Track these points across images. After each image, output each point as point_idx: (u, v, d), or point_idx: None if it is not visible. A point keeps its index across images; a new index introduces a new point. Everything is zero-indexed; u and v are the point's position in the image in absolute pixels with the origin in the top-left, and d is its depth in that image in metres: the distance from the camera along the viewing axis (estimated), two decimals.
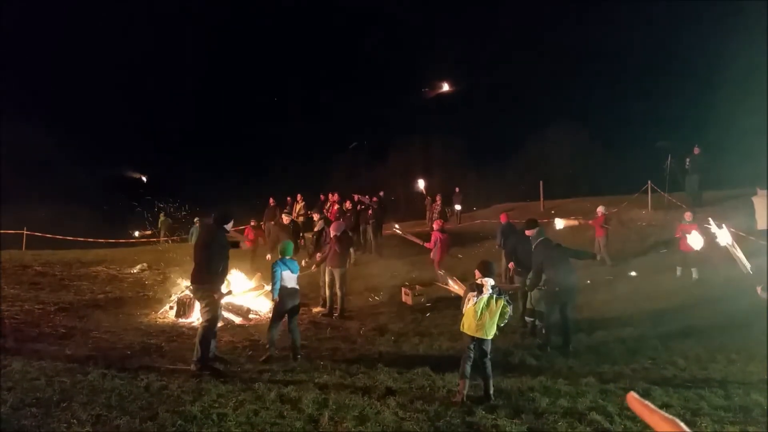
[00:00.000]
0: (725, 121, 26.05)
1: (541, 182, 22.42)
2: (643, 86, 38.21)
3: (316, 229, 12.39)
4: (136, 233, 23.82)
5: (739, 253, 6.96)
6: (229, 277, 8.73)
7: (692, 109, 29.89)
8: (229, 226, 7.20)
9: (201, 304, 6.99)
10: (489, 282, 6.01)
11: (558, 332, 8.05)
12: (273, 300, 7.66)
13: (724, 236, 7.02)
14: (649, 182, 18.00)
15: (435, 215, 17.49)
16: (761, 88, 21.00)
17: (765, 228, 12.95)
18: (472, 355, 5.97)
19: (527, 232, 9.30)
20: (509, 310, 6.04)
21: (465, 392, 5.81)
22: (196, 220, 17.11)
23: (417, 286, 11.77)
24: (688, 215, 12.33)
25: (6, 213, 22.49)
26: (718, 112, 27.08)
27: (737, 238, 12.94)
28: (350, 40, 55.05)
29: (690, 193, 17.04)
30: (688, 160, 16.73)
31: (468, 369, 5.89)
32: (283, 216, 13.42)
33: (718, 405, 5.62)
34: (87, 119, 38.97)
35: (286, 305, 7.55)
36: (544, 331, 8.15)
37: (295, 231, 13.08)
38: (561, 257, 8.21)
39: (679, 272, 12.10)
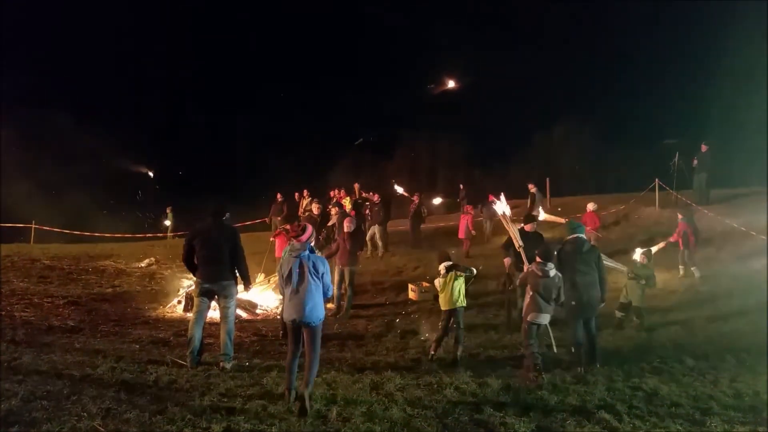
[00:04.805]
0: (733, 119, 25.92)
1: (547, 179, 22.31)
2: (651, 83, 38.04)
3: (330, 223, 12.37)
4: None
5: (512, 227, 7.94)
6: None
7: (700, 106, 29.70)
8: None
9: (229, 300, 6.96)
10: (443, 266, 7.47)
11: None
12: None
13: (501, 207, 8.31)
14: (656, 180, 17.91)
15: (410, 213, 17.72)
16: None
17: None
18: (445, 325, 7.40)
19: (526, 227, 9.22)
20: (466, 274, 7.49)
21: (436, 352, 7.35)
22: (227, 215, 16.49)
23: (423, 283, 11.75)
24: (680, 216, 12.36)
25: (14, 206, 22.60)
26: (726, 109, 26.93)
27: (744, 235, 12.97)
28: (355, 35, 54.98)
29: (697, 191, 16.98)
30: (695, 158, 16.68)
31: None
32: (314, 206, 13.13)
33: (728, 404, 5.59)
34: (95, 113, 39.03)
35: None
36: (573, 350, 7.05)
37: (322, 222, 12.93)
38: (588, 265, 7.06)
39: (681, 271, 12.06)
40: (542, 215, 14.37)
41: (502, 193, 8.40)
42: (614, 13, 39.71)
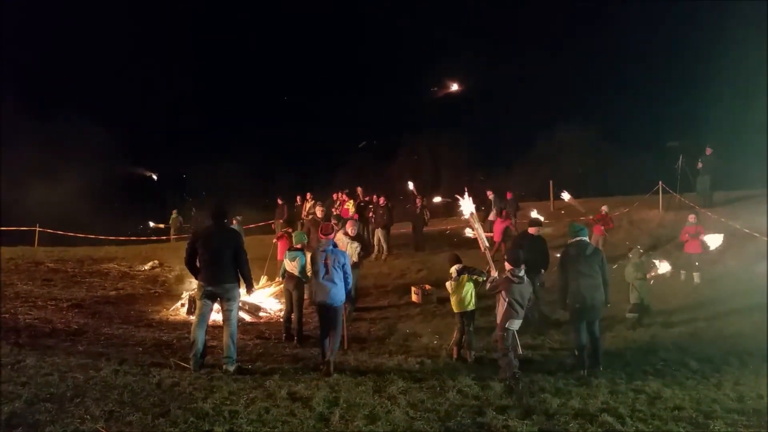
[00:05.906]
0: (737, 122, 25.89)
1: (551, 182, 22.31)
2: (655, 86, 38.01)
3: None
4: (151, 223, 24.01)
5: (479, 229, 7.83)
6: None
7: (702, 108, 29.68)
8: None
9: (232, 303, 6.94)
10: (454, 268, 7.59)
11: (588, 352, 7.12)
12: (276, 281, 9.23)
13: (467, 207, 8.00)
14: (660, 183, 17.90)
15: (413, 216, 17.77)
16: None
17: None
18: (461, 327, 7.57)
19: (530, 230, 9.25)
20: (478, 279, 7.55)
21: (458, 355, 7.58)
22: (239, 218, 16.10)
23: (426, 286, 11.76)
24: (691, 217, 12.30)
25: (19, 209, 22.67)
26: (729, 112, 26.91)
27: (746, 237, 12.94)
28: (357, 37, 55.11)
29: (701, 193, 16.96)
30: (700, 161, 16.68)
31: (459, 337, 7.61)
32: (317, 209, 12.99)
33: (731, 408, 5.58)
34: (98, 115, 39.12)
35: (288, 288, 8.78)
36: (576, 353, 7.03)
37: None
38: (591, 267, 6.99)
39: (683, 276, 12.03)
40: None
41: (465, 189, 8.32)
42: (617, 14, 39.71)
